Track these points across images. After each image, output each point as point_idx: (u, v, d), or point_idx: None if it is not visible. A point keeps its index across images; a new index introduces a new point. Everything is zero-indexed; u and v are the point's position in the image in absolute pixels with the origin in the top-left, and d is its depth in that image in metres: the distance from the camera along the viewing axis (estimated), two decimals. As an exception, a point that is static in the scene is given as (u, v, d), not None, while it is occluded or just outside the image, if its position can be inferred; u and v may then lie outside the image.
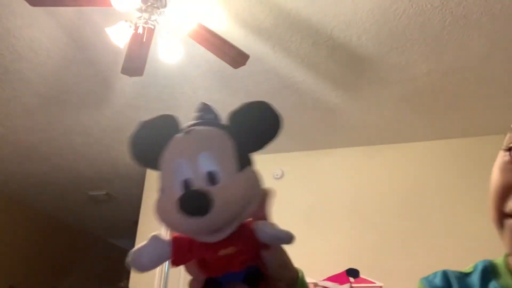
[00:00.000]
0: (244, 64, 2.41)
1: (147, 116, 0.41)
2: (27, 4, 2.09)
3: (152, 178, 4.21)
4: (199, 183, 0.37)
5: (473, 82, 2.86)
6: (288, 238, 0.40)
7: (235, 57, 2.34)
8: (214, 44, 2.27)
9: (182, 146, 0.39)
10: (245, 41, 2.51)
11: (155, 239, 0.40)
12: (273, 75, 2.88)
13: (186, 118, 0.42)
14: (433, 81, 2.87)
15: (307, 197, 3.70)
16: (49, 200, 5.20)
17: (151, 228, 4.22)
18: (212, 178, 0.37)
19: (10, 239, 4.96)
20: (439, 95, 3.00)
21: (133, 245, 4.01)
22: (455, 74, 2.80)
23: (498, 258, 0.60)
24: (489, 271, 0.58)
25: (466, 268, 0.62)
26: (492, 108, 3.11)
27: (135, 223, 4.13)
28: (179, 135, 0.40)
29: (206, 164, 0.37)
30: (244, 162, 0.39)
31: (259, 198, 0.40)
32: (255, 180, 0.40)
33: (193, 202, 0.35)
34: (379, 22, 2.40)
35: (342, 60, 2.71)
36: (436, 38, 2.49)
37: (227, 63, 2.39)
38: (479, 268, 0.60)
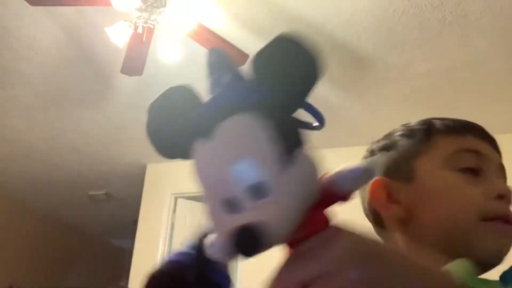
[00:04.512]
0: (244, 64, 2.41)
1: (146, 116, 0.36)
2: (27, 4, 2.09)
3: (152, 178, 4.21)
4: (244, 203, 0.29)
5: (473, 82, 2.87)
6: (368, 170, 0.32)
7: (235, 57, 2.34)
8: (214, 44, 2.27)
9: (208, 158, 0.31)
10: (245, 41, 2.51)
11: None
12: (273, 75, 2.88)
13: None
14: (433, 80, 2.87)
15: (306, 197, 3.70)
16: (49, 199, 5.20)
17: (151, 228, 4.17)
18: (257, 191, 0.29)
19: (9, 239, 4.96)
20: (438, 94, 3.00)
21: (132, 245, 4.01)
22: (454, 74, 2.80)
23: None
24: None
25: None
26: (492, 108, 3.11)
27: (135, 222, 4.13)
28: (200, 142, 0.31)
29: (244, 177, 0.29)
30: (291, 147, 0.30)
31: (316, 187, 0.31)
32: (309, 169, 0.31)
33: (246, 245, 0.28)
34: (378, 22, 2.40)
35: (342, 60, 2.71)
36: (435, 38, 2.49)
37: (227, 63, 2.38)
38: None
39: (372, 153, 0.67)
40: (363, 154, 0.71)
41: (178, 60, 2.54)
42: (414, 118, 0.65)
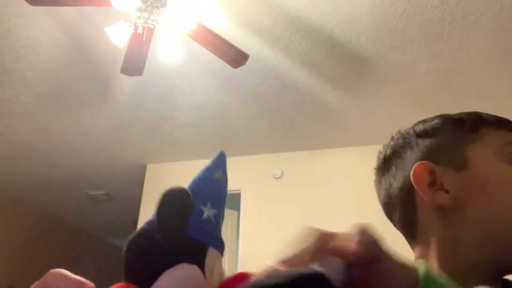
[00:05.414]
0: (244, 64, 2.41)
1: (146, 115, 0.35)
2: (27, 4, 2.09)
3: (152, 178, 4.21)
4: None
5: (473, 82, 2.87)
6: None
7: (235, 57, 2.34)
8: (214, 44, 2.27)
9: None
10: (245, 41, 2.51)
11: None
12: (273, 75, 2.88)
13: (186, 116, 0.40)
14: (433, 80, 2.87)
15: (307, 197, 3.70)
16: (49, 199, 5.20)
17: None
18: None
19: (9, 239, 4.96)
20: (438, 94, 3.00)
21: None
22: (454, 74, 2.80)
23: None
24: None
25: None
26: (492, 108, 3.11)
27: (135, 222, 4.14)
28: None
29: None
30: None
31: None
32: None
33: None
34: (378, 22, 2.40)
35: (342, 60, 2.71)
36: (435, 38, 2.49)
37: (227, 63, 2.39)
38: None
39: (405, 140, 0.63)
40: (363, 154, 0.70)
41: (178, 60, 2.54)
42: (414, 118, 0.64)
